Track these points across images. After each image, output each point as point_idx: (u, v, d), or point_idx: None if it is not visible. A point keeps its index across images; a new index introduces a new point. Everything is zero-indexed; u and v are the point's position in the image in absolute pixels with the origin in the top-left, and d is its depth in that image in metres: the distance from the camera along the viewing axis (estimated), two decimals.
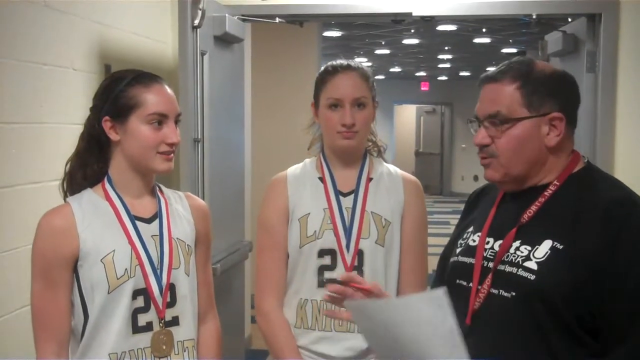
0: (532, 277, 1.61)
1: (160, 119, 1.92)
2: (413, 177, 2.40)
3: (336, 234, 2.23)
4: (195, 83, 3.46)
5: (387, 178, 2.33)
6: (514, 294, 1.64)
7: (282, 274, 2.30)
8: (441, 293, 1.38)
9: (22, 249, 2.56)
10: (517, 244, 1.68)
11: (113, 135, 1.94)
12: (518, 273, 1.64)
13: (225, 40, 3.81)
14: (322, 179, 2.31)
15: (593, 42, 3.79)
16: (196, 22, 3.39)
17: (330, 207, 2.26)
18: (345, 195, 2.29)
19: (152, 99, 1.92)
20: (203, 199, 3.51)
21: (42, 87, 2.88)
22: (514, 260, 1.66)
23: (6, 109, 2.67)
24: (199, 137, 3.50)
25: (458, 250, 1.86)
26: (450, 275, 1.85)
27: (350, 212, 2.26)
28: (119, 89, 1.93)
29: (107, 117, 1.93)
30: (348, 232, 2.24)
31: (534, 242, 1.65)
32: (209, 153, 3.60)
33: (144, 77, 1.96)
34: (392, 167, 2.39)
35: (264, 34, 6.20)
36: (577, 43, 4.00)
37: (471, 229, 1.86)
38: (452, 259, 1.88)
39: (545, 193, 1.70)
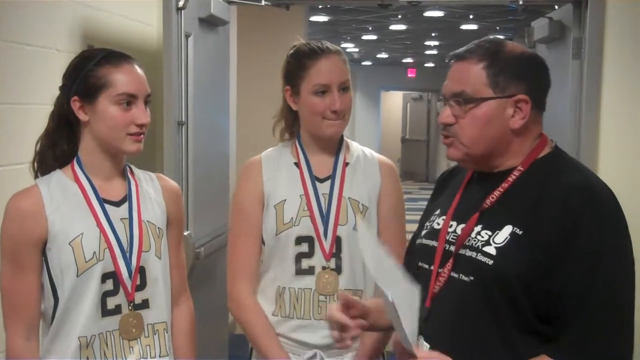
0: (490, 262, 1.60)
1: (129, 100, 1.90)
2: (388, 160, 2.38)
3: (313, 221, 2.21)
4: (180, 65, 3.43)
5: (363, 162, 2.31)
6: (472, 278, 1.63)
7: (256, 259, 2.28)
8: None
9: None
10: (478, 228, 1.67)
11: (82, 116, 1.92)
12: (477, 258, 1.63)
13: (210, 23, 3.78)
14: (297, 164, 2.28)
15: (579, 28, 3.79)
16: (181, 3, 3.36)
17: (306, 193, 2.24)
18: (321, 181, 2.26)
19: (121, 79, 1.89)
20: (187, 183, 3.51)
21: (25, 67, 2.85)
22: (474, 245, 1.65)
23: None
24: (183, 120, 3.48)
25: (423, 232, 1.85)
26: (415, 258, 1.85)
27: (327, 198, 2.24)
28: (88, 68, 1.90)
29: (75, 97, 1.91)
30: (325, 218, 2.22)
31: (495, 227, 1.64)
32: (193, 136, 3.58)
33: (113, 56, 1.94)
34: (367, 150, 2.37)
35: (250, 17, 6.16)
36: (563, 30, 4.00)
37: (437, 211, 1.85)
38: (417, 241, 1.88)
39: (509, 178, 1.68)
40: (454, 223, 1.74)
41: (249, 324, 2.27)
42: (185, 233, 3.12)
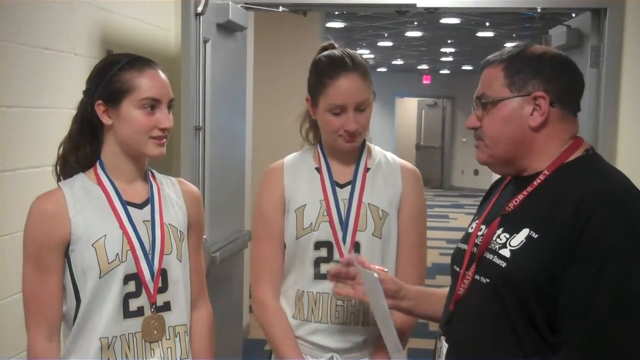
0: (504, 264, 1.61)
1: (152, 104, 1.92)
2: (411, 166, 2.37)
3: (332, 226, 2.22)
4: (198, 70, 3.44)
5: (384, 167, 2.31)
6: (488, 280, 1.65)
7: (279, 263, 2.29)
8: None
9: (22, 233, 2.55)
10: (499, 231, 1.68)
11: (105, 119, 1.93)
12: (493, 260, 1.64)
13: (228, 29, 3.79)
14: (319, 170, 2.29)
15: (597, 37, 3.77)
16: (199, 9, 3.37)
17: (326, 198, 2.24)
18: (342, 186, 2.27)
19: (145, 84, 1.91)
20: (203, 188, 3.52)
21: (44, 71, 2.87)
22: (493, 248, 1.66)
23: (8, 93, 2.66)
24: (200, 124, 3.49)
25: (462, 237, 1.87)
26: (451, 261, 1.87)
27: (347, 204, 2.24)
28: (112, 73, 1.92)
29: (99, 101, 1.93)
30: (344, 224, 2.22)
31: (513, 231, 1.64)
32: (209, 141, 3.59)
33: (137, 61, 1.96)
34: (389, 155, 2.37)
35: (267, 23, 6.19)
36: (581, 38, 3.98)
37: (476, 216, 1.87)
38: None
39: (534, 182, 1.67)
40: (483, 227, 1.75)
41: (269, 326, 2.28)
42: None
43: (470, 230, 1.81)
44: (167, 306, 1.98)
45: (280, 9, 3.95)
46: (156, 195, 2.02)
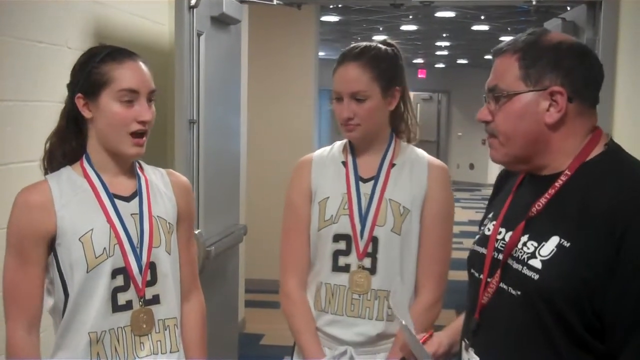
0: (536, 276, 1.52)
1: (130, 96, 1.89)
2: (439, 162, 2.36)
3: (351, 220, 2.24)
4: (192, 64, 3.43)
5: (411, 164, 2.30)
6: (519, 293, 1.56)
7: (305, 254, 2.32)
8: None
9: None
10: (525, 238, 1.58)
11: (86, 113, 1.92)
12: (523, 271, 1.55)
13: (222, 22, 3.78)
14: (345, 163, 2.31)
15: (593, 30, 3.77)
16: (193, 1, 3.36)
17: (349, 192, 2.27)
18: (365, 181, 2.28)
19: (122, 75, 1.89)
20: (198, 182, 3.51)
21: (37, 65, 2.85)
22: (520, 257, 1.57)
23: (1, 87, 2.64)
24: (195, 118, 3.48)
25: (476, 237, 1.79)
26: (468, 264, 1.78)
27: (368, 199, 2.25)
28: (91, 65, 1.90)
29: (79, 94, 1.92)
30: (363, 218, 2.23)
31: (541, 238, 1.55)
32: (204, 135, 3.58)
33: (117, 53, 1.94)
34: (419, 151, 2.36)
35: (261, 16, 6.17)
36: (576, 31, 3.98)
37: (491, 215, 1.78)
38: (471, 246, 1.80)
39: (556, 184, 1.57)
40: (503, 230, 1.66)
41: (291, 316, 2.32)
42: (196, 232, 3.12)
43: (487, 233, 1.72)
44: (156, 299, 1.96)
45: (275, 2, 3.94)
46: (144, 188, 2.00)
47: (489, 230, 1.72)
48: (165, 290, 1.98)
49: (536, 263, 1.53)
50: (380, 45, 2.29)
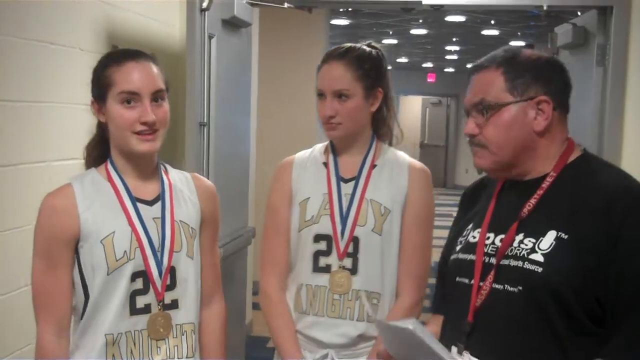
0: (539, 269, 1.59)
1: (130, 97, 1.88)
2: (421, 165, 2.36)
3: (332, 220, 2.23)
4: (202, 66, 3.44)
5: (392, 165, 2.31)
6: (520, 288, 1.61)
7: (285, 255, 2.31)
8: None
9: (25, 227, 2.54)
10: (519, 237, 1.66)
11: (100, 117, 1.95)
12: (524, 266, 1.61)
13: (233, 24, 3.79)
14: (326, 164, 2.31)
15: (603, 35, 3.77)
16: (204, 4, 3.37)
17: (329, 192, 2.27)
18: (346, 181, 2.28)
19: (121, 77, 1.89)
20: None
21: (48, 66, 2.87)
22: (518, 254, 1.63)
23: (12, 88, 2.66)
24: (205, 121, 3.49)
25: (458, 247, 1.83)
26: (451, 273, 1.82)
27: (349, 199, 2.25)
28: (99, 70, 1.93)
29: (92, 100, 1.95)
30: (344, 218, 2.23)
31: (538, 234, 1.63)
32: (214, 137, 3.59)
33: (120, 55, 1.95)
34: (400, 153, 2.37)
35: (272, 19, 6.18)
36: (587, 36, 3.97)
37: (471, 225, 1.83)
38: (452, 257, 1.85)
39: (543, 185, 1.68)
40: (491, 235, 1.72)
41: (270, 317, 2.32)
42: None
43: (473, 240, 1.77)
44: (174, 304, 1.96)
45: (286, 5, 3.95)
46: (167, 192, 2.00)
47: (474, 237, 1.77)
48: (184, 295, 1.98)
49: (537, 257, 1.60)
50: (365, 47, 2.29)
